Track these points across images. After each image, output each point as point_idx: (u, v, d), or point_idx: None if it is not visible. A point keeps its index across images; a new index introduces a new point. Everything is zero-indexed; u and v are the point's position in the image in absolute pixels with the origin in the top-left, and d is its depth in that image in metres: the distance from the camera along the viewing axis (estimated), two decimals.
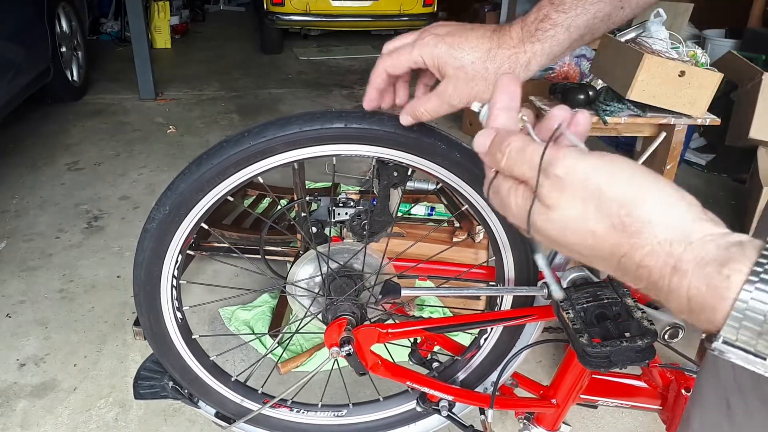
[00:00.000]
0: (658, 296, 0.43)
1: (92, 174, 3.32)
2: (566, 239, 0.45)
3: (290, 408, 1.27)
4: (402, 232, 2.09)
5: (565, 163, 0.44)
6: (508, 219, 0.50)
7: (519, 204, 0.47)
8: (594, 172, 0.44)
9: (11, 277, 2.40)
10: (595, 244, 0.44)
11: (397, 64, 0.74)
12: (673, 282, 0.41)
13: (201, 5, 7.80)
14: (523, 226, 0.48)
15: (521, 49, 0.68)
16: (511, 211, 0.48)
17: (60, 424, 1.74)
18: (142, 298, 1.05)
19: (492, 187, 0.51)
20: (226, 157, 0.93)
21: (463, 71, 0.69)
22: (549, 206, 0.45)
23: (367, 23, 5.95)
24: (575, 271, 1.05)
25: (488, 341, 1.20)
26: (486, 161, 0.51)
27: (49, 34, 3.72)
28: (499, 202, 0.50)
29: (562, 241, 0.45)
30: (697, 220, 0.42)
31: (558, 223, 0.45)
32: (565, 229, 0.45)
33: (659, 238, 0.42)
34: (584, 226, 0.44)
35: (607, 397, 1.27)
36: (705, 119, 2.82)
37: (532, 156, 0.46)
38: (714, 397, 0.70)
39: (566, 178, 0.44)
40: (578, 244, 0.45)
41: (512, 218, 0.49)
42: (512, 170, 0.48)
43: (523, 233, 0.49)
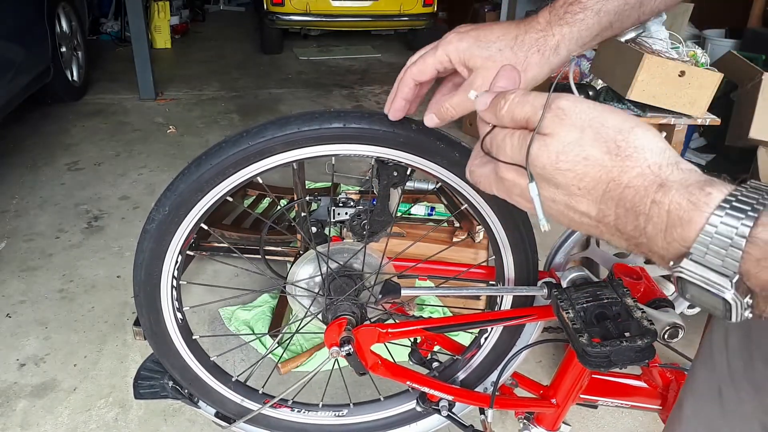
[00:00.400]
0: (634, 221, 0.45)
1: (92, 174, 3.32)
2: (557, 165, 0.47)
3: (291, 408, 1.27)
4: (402, 232, 2.09)
5: (569, 98, 0.48)
6: (499, 169, 0.52)
7: (515, 144, 0.49)
8: (594, 106, 0.47)
9: (11, 277, 2.40)
10: (585, 170, 0.46)
11: (423, 68, 0.73)
12: (657, 197, 0.44)
13: (201, 5, 7.80)
14: (518, 161, 0.49)
15: (549, 32, 0.67)
16: (506, 153, 0.50)
17: (60, 424, 1.74)
18: (142, 299, 1.05)
19: (486, 140, 0.53)
20: (225, 157, 0.93)
21: (491, 60, 0.68)
22: (547, 134, 0.47)
23: (367, 23, 5.94)
24: (575, 271, 1.05)
25: (488, 341, 1.20)
26: (485, 116, 0.53)
27: (49, 34, 3.72)
28: (495, 150, 0.52)
29: (553, 167, 0.47)
30: (679, 157, 0.47)
31: (553, 149, 0.47)
32: (559, 155, 0.46)
33: (650, 161, 0.45)
34: (578, 150, 0.46)
35: (607, 397, 1.27)
36: (705, 119, 2.82)
37: (534, 98, 0.49)
38: (707, 385, 0.71)
39: (568, 109, 0.47)
40: (568, 170, 0.46)
41: (506, 159, 0.50)
42: (513, 113, 0.50)
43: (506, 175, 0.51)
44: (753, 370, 0.64)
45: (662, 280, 1.21)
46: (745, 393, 0.65)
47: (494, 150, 0.52)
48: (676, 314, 1.06)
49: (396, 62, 5.90)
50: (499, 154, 0.51)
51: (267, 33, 5.90)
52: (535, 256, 1.08)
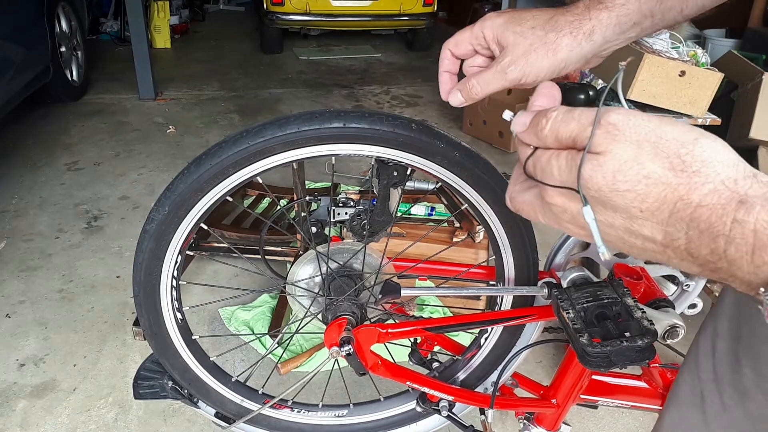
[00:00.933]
0: (711, 244, 0.41)
1: (92, 174, 3.32)
2: (615, 186, 0.42)
3: (291, 408, 1.27)
4: (402, 232, 2.09)
5: (619, 112, 0.44)
6: (546, 194, 0.47)
7: (562, 165, 0.45)
8: (649, 118, 0.43)
9: (11, 277, 2.40)
10: (647, 189, 0.41)
11: (460, 41, 0.71)
12: (738, 216, 0.39)
13: (201, 5, 7.80)
14: (568, 184, 0.45)
15: (585, 15, 0.64)
16: (553, 176, 0.46)
17: (60, 424, 1.74)
18: (141, 299, 1.05)
19: (529, 163, 0.48)
20: (225, 157, 0.93)
21: (522, 37, 0.66)
22: (600, 153, 0.43)
23: (367, 23, 5.94)
24: (575, 270, 1.05)
25: (488, 341, 1.19)
26: (525, 138, 0.49)
27: (49, 33, 3.72)
28: (540, 173, 0.47)
29: (610, 189, 0.42)
30: (754, 168, 0.42)
31: (609, 168, 0.42)
32: (616, 174, 0.42)
33: (722, 176, 0.40)
34: (637, 169, 0.41)
35: (607, 397, 1.27)
36: (705, 119, 2.82)
37: (580, 114, 0.45)
38: (690, 390, 0.70)
39: (620, 124, 0.43)
40: (628, 191, 0.42)
41: (553, 182, 0.46)
42: (558, 132, 0.46)
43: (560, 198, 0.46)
44: (740, 375, 0.63)
45: (662, 280, 1.21)
46: (729, 399, 0.64)
47: (539, 174, 0.47)
48: (676, 314, 1.06)
49: (396, 62, 5.90)
50: (545, 177, 0.47)
51: (267, 33, 5.90)
52: (535, 256, 1.08)
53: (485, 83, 0.69)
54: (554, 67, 0.66)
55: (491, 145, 3.81)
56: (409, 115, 3.09)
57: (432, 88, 5.02)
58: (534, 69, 0.66)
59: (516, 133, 0.50)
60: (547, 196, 0.47)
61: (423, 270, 1.21)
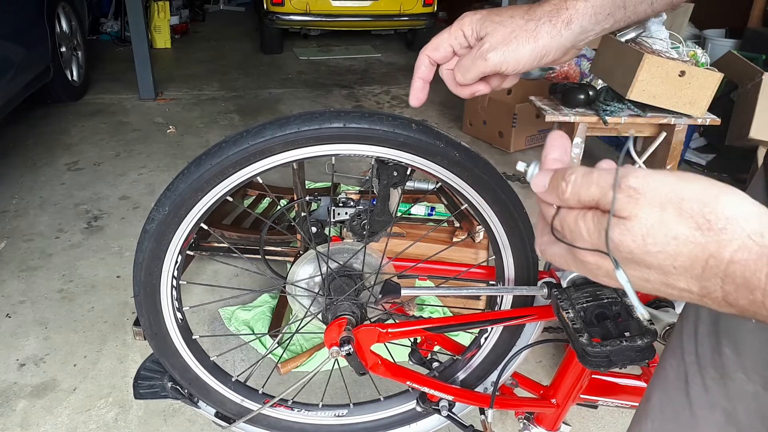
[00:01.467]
0: (748, 295, 0.42)
1: (92, 174, 3.32)
2: (647, 248, 0.43)
3: (291, 408, 1.27)
4: (402, 232, 2.09)
5: (637, 175, 0.44)
6: (578, 253, 0.48)
7: (590, 228, 0.46)
8: (665, 179, 0.44)
9: (11, 277, 2.40)
10: (677, 249, 0.42)
11: (438, 44, 0.71)
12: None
13: (201, 5, 7.80)
14: (598, 247, 0.46)
15: (563, 6, 0.66)
16: (583, 238, 0.47)
17: (60, 424, 1.74)
18: (142, 299, 1.05)
19: (556, 223, 0.49)
20: (225, 157, 0.93)
21: (501, 26, 0.67)
22: (626, 218, 0.44)
23: (367, 23, 5.94)
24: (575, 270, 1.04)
25: (488, 341, 1.20)
26: (546, 198, 0.50)
27: (49, 34, 3.72)
28: (569, 234, 0.48)
29: (642, 251, 0.44)
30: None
31: (638, 233, 0.43)
32: (645, 237, 0.43)
33: (748, 230, 0.41)
34: (665, 231, 0.43)
35: (607, 397, 1.27)
36: (705, 119, 2.82)
37: (599, 177, 0.45)
38: (675, 375, 0.72)
39: (641, 188, 0.43)
40: (659, 252, 0.43)
41: (585, 244, 0.47)
42: (579, 195, 0.47)
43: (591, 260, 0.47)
44: (720, 355, 0.66)
45: None
46: (710, 380, 0.67)
47: (568, 235, 0.48)
48: (676, 314, 1.06)
49: (396, 62, 5.90)
50: (575, 239, 0.48)
51: (267, 33, 5.90)
52: (535, 256, 1.08)
53: (464, 69, 0.69)
54: (535, 53, 0.66)
55: (491, 145, 3.81)
56: (409, 115, 3.09)
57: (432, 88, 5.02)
58: (515, 55, 0.66)
59: (536, 193, 0.51)
60: (579, 254, 0.48)
61: (423, 270, 1.21)
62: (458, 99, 0.88)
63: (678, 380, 0.71)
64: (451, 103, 4.35)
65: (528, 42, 0.66)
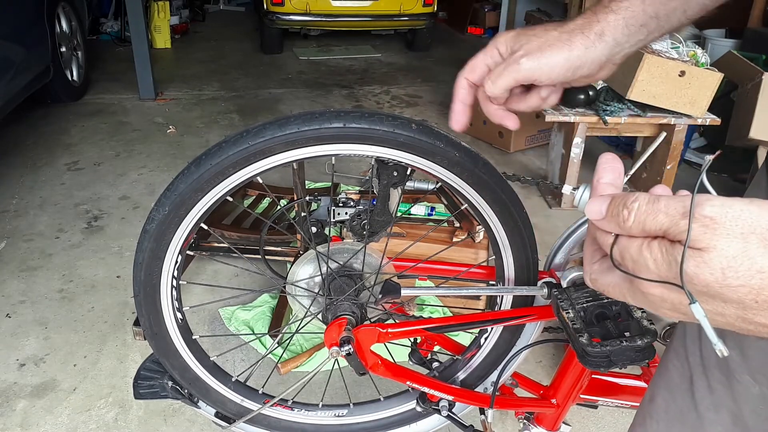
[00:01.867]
0: None
1: (92, 174, 3.32)
2: (726, 282, 0.40)
3: (291, 408, 1.27)
4: (402, 232, 2.09)
5: (714, 203, 0.41)
6: (641, 285, 0.46)
7: (658, 259, 0.43)
8: (748, 207, 0.41)
9: (11, 277, 2.40)
10: (762, 283, 0.40)
11: (475, 65, 0.71)
12: None
13: (201, 5, 7.79)
14: (667, 279, 0.44)
15: (593, 18, 0.65)
16: (649, 269, 0.44)
17: (60, 424, 1.74)
18: (142, 299, 1.05)
19: (615, 252, 0.46)
20: (225, 157, 0.93)
21: (535, 36, 0.66)
22: (702, 249, 0.41)
23: (367, 23, 5.94)
24: (575, 270, 1.05)
25: (488, 341, 1.20)
26: (604, 226, 0.47)
27: (49, 34, 3.72)
28: (631, 265, 0.45)
29: (720, 285, 0.41)
30: None
31: (717, 266, 0.40)
32: (725, 271, 0.40)
33: None
34: (748, 264, 0.40)
35: (607, 397, 1.27)
36: (705, 119, 2.82)
37: (667, 204, 0.43)
38: (679, 376, 0.72)
39: (718, 217, 0.41)
40: (741, 286, 0.40)
41: (650, 276, 0.44)
42: (644, 225, 0.44)
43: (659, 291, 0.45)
44: (726, 358, 0.65)
45: None
46: (716, 382, 0.66)
47: (630, 265, 0.45)
48: None
49: (396, 62, 5.90)
50: (639, 270, 0.45)
51: (267, 33, 5.90)
52: (535, 256, 1.08)
53: (495, 76, 0.67)
54: (569, 63, 0.65)
55: (491, 145, 3.81)
56: (409, 115, 3.09)
57: (432, 88, 5.02)
58: (549, 62, 0.65)
59: (591, 220, 0.48)
60: (642, 286, 0.45)
61: (423, 270, 1.21)
62: None
63: (682, 381, 0.71)
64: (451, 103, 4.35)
65: (562, 51, 0.65)
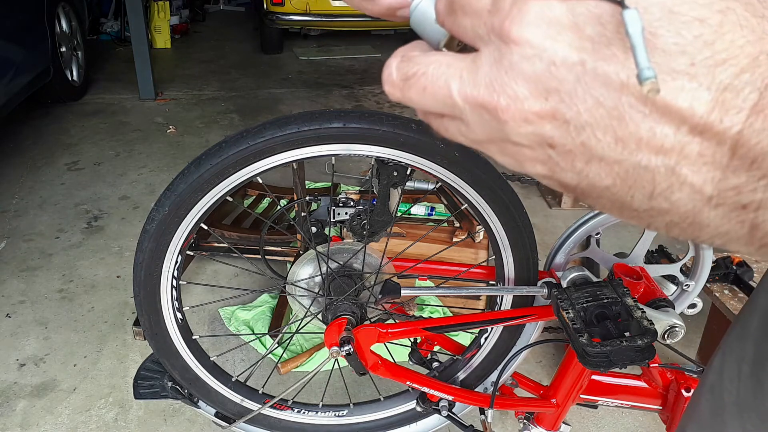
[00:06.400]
0: None
1: (92, 174, 3.32)
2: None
3: (291, 408, 1.28)
4: (402, 232, 2.09)
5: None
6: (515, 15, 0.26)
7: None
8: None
9: (11, 277, 2.40)
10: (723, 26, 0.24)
11: None
12: None
13: (201, 5, 7.79)
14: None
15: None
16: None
17: (60, 424, 1.74)
18: (142, 299, 1.05)
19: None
20: (225, 157, 0.93)
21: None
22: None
23: (367, 23, 5.94)
24: (575, 270, 1.05)
25: (488, 341, 1.20)
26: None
27: (49, 34, 3.72)
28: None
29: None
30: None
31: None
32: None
33: None
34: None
35: (607, 397, 1.27)
36: None
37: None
38: (710, 412, 0.69)
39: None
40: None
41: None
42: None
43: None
44: (763, 400, 0.61)
45: (662, 280, 1.21)
46: (751, 425, 0.62)
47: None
48: (676, 314, 1.06)
49: None
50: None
51: (267, 33, 5.90)
52: (535, 256, 1.08)
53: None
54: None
55: None
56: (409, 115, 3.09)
57: None
58: None
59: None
60: (513, 27, 0.25)
61: (423, 270, 1.21)
62: None
63: (714, 419, 0.67)
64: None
65: None
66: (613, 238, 2.59)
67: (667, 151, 0.25)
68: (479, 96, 0.27)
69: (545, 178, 0.29)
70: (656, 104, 0.24)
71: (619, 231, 2.65)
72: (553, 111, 0.25)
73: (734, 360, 0.66)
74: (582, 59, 0.24)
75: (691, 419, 0.74)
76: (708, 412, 0.69)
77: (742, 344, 0.65)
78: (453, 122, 0.30)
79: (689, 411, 0.75)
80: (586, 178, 0.27)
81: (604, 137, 0.25)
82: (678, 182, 0.25)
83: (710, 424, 0.69)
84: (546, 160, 0.28)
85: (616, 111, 0.25)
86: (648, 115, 0.24)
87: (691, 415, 0.74)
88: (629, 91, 0.24)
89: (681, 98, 0.24)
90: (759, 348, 0.64)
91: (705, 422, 0.70)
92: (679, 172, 0.25)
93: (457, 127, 0.30)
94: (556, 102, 0.25)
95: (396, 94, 0.33)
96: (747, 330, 0.67)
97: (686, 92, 0.24)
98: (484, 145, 0.30)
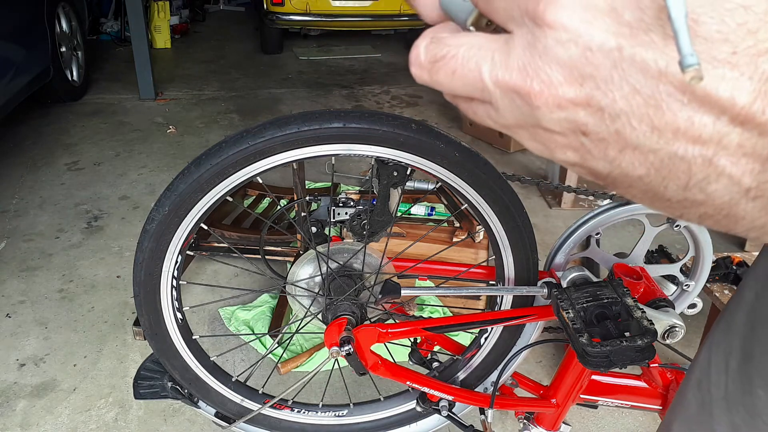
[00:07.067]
0: None
1: (92, 174, 3.32)
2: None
3: (291, 408, 1.28)
4: (402, 232, 2.09)
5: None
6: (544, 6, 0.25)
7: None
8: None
9: (11, 277, 2.40)
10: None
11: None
12: None
13: (201, 5, 7.79)
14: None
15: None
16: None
17: (60, 424, 1.74)
18: (142, 299, 1.05)
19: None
20: (225, 157, 0.93)
21: None
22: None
23: (367, 23, 5.94)
24: (575, 270, 1.05)
25: (488, 341, 1.20)
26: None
27: (49, 34, 3.72)
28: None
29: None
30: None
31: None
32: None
33: None
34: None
35: (607, 397, 1.27)
36: None
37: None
38: (697, 407, 0.69)
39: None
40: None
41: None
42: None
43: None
44: (752, 396, 0.60)
45: (662, 280, 1.21)
46: (740, 419, 0.62)
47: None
48: (676, 314, 1.06)
49: (396, 62, 5.89)
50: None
51: (267, 33, 5.90)
52: (535, 256, 1.08)
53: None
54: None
55: (491, 145, 3.81)
56: (409, 115, 3.09)
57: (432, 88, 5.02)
58: None
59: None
60: (547, 11, 0.24)
61: (423, 270, 1.21)
62: None
63: (701, 414, 0.67)
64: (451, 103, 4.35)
65: None
66: (613, 238, 2.59)
67: (705, 141, 0.24)
68: (511, 80, 0.26)
69: (576, 165, 0.29)
70: (695, 93, 0.23)
71: (619, 231, 2.65)
72: (588, 98, 0.25)
73: (721, 354, 0.66)
74: (619, 45, 0.24)
75: (677, 414, 0.73)
76: (695, 407, 0.69)
77: (728, 339, 0.65)
78: (482, 106, 0.30)
79: (675, 406, 0.74)
80: (619, 166, 0.27)
81: (639, 126, 0.25)
82: (715, 173, 0.25)
83: (698, 418, 0.68)
84: (578, 147, 0.27)
85: (653, 99, 0.24)
86: (686, 104, 0.24)
87: (677, 410, 0.73)
88: (667, 79, 0.24)
89: (722, 87, 0.23)
90: (746, 343, 0.64)
91: (692, 417, 0.69)
92: (716, 162, 0.25)
93: (486, 111, 0.30)
94: (591, 88, 0.25)
95: (423, 76, 0.32)
96: (733, 324, 0.66)
97: (727, 81, 0.23)
98: (513, 130, 0.30)
